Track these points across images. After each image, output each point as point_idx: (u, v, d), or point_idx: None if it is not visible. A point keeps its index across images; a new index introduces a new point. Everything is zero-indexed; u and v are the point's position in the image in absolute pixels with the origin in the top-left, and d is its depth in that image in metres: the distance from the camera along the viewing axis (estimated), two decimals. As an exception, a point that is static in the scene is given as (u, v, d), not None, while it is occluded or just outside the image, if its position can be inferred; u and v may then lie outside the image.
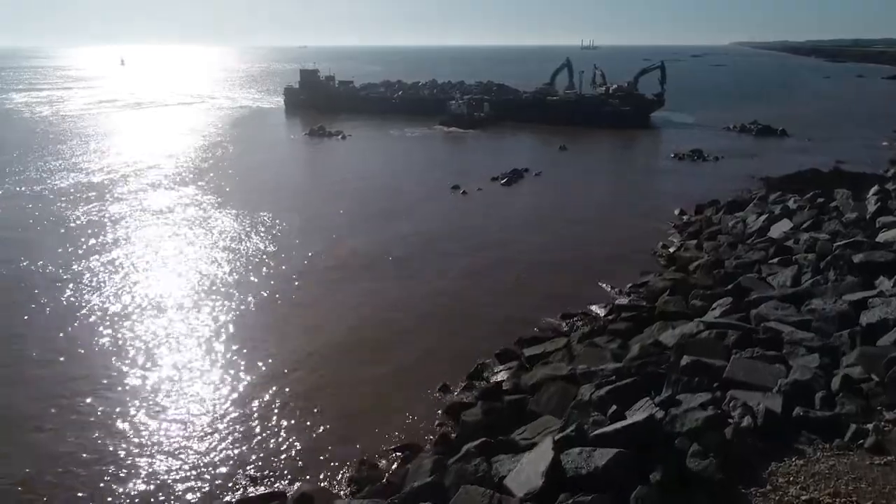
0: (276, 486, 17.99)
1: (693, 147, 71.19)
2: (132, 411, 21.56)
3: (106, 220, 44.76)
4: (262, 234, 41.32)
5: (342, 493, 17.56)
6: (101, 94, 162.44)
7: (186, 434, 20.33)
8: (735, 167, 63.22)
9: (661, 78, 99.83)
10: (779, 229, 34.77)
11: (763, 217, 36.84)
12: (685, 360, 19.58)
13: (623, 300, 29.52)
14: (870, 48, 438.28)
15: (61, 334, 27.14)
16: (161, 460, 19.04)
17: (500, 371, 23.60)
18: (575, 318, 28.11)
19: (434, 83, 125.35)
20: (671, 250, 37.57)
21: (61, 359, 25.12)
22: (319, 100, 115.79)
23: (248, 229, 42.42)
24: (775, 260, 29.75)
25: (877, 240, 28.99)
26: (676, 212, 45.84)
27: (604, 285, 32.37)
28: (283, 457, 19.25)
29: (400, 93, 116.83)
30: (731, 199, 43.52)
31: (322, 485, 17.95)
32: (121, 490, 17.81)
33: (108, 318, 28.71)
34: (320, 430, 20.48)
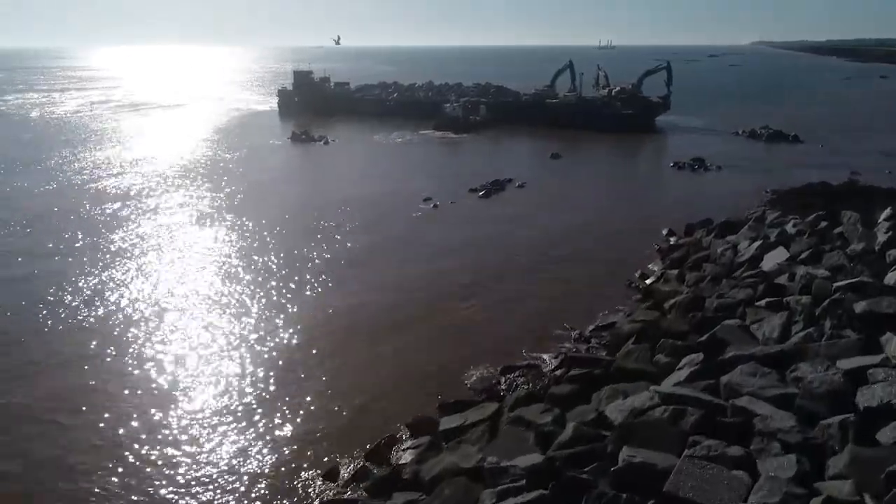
0: None
1: (695, 155, 66.07)
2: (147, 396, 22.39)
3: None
4: (184, 252, 37.21)
5: None
6: (97, 95, 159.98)
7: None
8: (738, 178, 58.12)
9: (667, 79, 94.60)
10: (773, 260, 29.89)
11: (757, 244, 31.92)
12: (623, 456, 15.13)
13: (580, 347, 24.98)
14: (895, 48, 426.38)
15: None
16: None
17: (408, 449, 19.13)
18: (516, 374, 23.55)
19: (431, 85, 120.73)
20: (649, 281, 32.87)
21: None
22: (313, 101, 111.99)
23: (173, 244, 38.34)
24: (763, 302, 24.98)
25: (885, 281, 24.11)
26: (665, 232, 41.05)
27: (565, 327, 27.77)
28: None
29: (395, 95, 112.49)
30: (725, 220, 38.56)
31: None
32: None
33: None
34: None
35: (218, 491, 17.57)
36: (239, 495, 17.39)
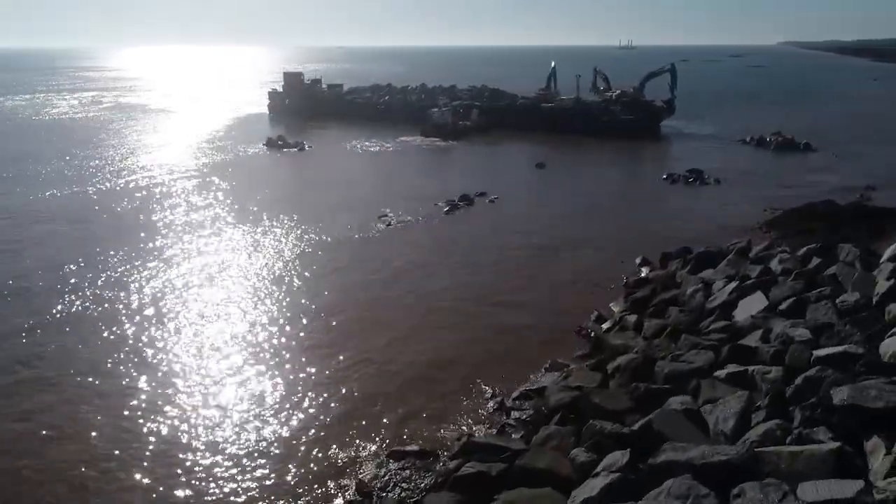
0: None
1: (692, 166, 60.40)
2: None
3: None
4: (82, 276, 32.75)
5: None
6: (93, 96, 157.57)
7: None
8: (736, 194, 52.42)
9: (671, 82, 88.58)
10: (748, 309, 24.55)
11: (733, 286, 26.55)
12: None
13: (481, 433, 19.94)
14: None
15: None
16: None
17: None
18: (402, 463, 18.55)
19: (424, 87, 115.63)
20: (605, 325, 27.69)
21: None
22: (303, 104, 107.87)
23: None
24: (724, 373, 19.73)
25: (880, 351, 18.79)
26: (638, 261, 35.73)
27: (489, 389, 22.74)
28: None
29: (387, 98, 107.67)
30: (704, 249, 33.06)
31: None
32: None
33: None
34: None
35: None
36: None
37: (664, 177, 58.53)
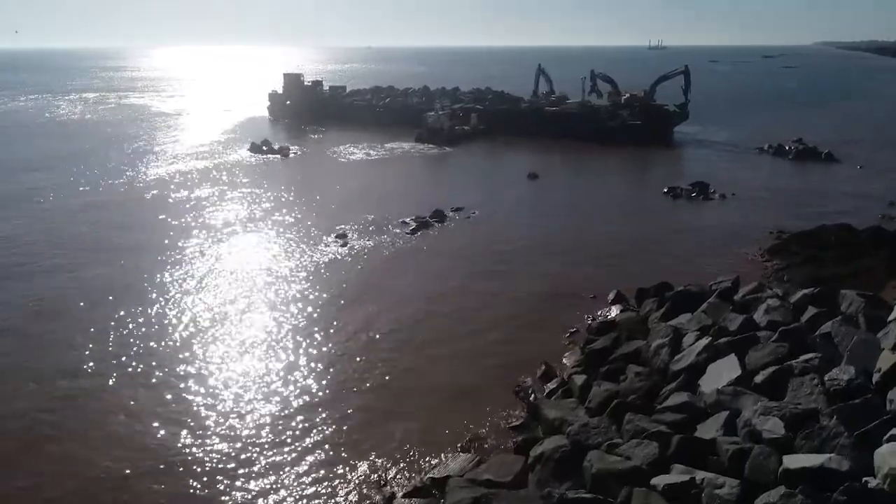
0: None
1: (699, 178, 54.98)
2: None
3: None
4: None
5: None
6: (89, 97, 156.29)
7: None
8: (743, 211, 47.02)
9: (685, 85, 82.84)
10: (716, 378, 19.61)
11: (704, 342, 21.58)
12: None
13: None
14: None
15: None
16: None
17: None
18: None
19: (426, 90, 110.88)
20: (549, 388, 22.96)
21: None
22: (303, 106, 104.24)
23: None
24: (664, 482, 14.95)
25: (874, 463, 13.86)
26: (611, 297, 30.81)
27: (377, 482, 18.23)
28: None
29: (387, 100, 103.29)
30: (685, 288, 27.87)
31: None
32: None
33: None
34: None
35: None
36: None
37: (665, 190, 53.22)
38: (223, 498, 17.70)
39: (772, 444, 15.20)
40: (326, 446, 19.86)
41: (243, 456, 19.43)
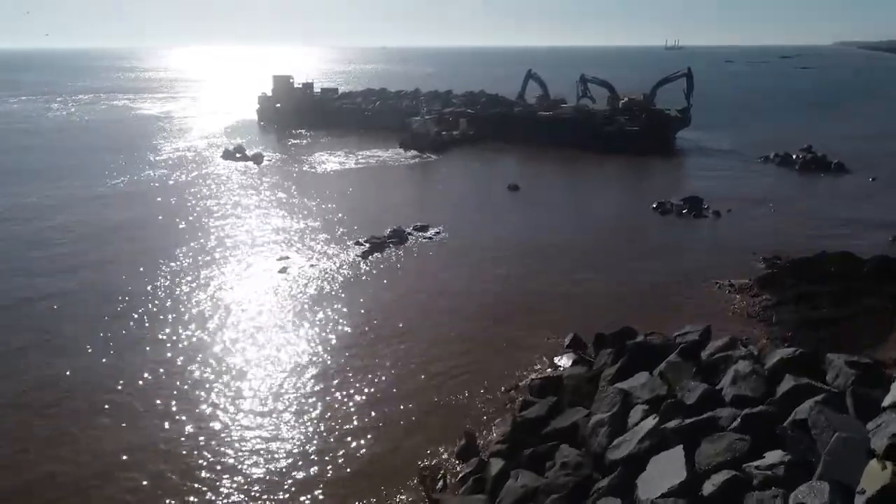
0: None
1: (697, 189, 50.40)
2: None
3: None
4: None
5: None
6: (82, 98, 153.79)
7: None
8: (736, 232, 42.45)
9: (687, 89, 78.20)
10: (657, 480, 15.29)
11: (650, 424, 17.25)
12: None
13: None
14: None
15: None
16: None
17: None
18: None
19: (417, 92, 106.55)
20: (461, 473, 18.72)
21: None
22: (292, 109, 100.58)
23: None
24: None
25: None
26: (567, 341, 26.51)
27: None
28: None
29: (377, 103, 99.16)
30: (646, 339, 23.43)
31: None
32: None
33: None
34: None
35: None
36: None
37: (654, 206, 48.65)
38: None
39: None
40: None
41: None
